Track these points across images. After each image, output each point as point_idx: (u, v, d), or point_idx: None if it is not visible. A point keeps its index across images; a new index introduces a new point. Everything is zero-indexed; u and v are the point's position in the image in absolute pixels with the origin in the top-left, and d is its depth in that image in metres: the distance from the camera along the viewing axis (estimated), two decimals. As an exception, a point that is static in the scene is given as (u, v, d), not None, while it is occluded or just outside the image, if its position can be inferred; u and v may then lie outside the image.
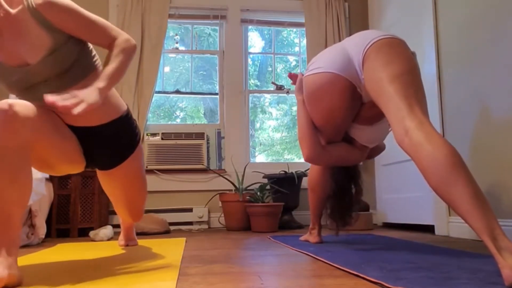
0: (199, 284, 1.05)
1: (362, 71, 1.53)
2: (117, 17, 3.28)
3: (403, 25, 2.82)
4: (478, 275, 1.05)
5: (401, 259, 1.36)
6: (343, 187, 1.88)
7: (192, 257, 1.56)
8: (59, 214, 2.62)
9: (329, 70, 1.57)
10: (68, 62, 1.25)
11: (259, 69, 3.95)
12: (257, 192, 2.93)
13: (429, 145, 1.16)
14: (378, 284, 0.99)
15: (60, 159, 1.33)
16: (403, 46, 1.51)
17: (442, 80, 2.40)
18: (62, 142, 1.30)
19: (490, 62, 2.00)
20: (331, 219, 1.92)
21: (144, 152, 3.18)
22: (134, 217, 1.75)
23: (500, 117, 1.93)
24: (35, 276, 1.20)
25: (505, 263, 0.92)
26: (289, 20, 3.67)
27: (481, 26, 2.07)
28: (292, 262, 1.38)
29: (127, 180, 1.58)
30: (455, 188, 1.06)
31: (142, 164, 1.63)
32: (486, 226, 0.98)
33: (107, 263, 1.44)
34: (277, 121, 3.87)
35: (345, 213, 1.89)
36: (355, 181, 1.90)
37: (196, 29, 3.71)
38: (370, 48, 1.50)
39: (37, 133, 1.18)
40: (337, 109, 1.61)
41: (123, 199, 1.64)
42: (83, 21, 1.26)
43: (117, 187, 1.60)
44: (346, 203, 1.89)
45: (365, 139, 1.75)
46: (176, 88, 3.60)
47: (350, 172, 1.89)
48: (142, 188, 1.66)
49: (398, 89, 1.35)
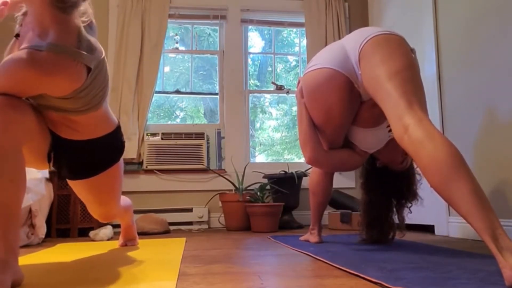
0: (199, 284, 1.05)
1: (359, 67, 1.53)
2: (117, 17, 3.28)
3: (403, 25, 2.82)
4: (478, 275, 1.05)
5: (401, 259, 1.36)
6: (385, 192, 1.81)
7: (192, 257, 1.56)
8: (59, 214, 2.62)
9: (327, 66, 1.58)
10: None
11: (259, 69, 3.95)
12: (257, 192, 2.93)
13: (430, 143, 1.15)
14: (378, 284, 0.99)
15: (29, 160, 1.28)
16: (401, 42, 1.49)
17: (442, 80, 2.40)
18: (38, 143, 1.27)
19: (490, 62, 2.00)
20: (361, 226, 1.87)
21: (144, 152, 3.18)
22: (100, 219, 1.67)
23: (500, 116, 1.93)
24: (35, 276, 1.20)
25: (506, 263, 0.91)
26: (289, 20, 3.67)
27: (481, 26, 2.07)
28: (292, 262, 1.38)
29: (90, 191, 1.51)
30: (456, 187, 1.05)
31: (114, 182, 1.53)
32: (487, 226, 0.98)
33: (107, 263, 1.44)
34: (277, 121, 3.87)
35: (376, 224, 1.81)
36: (406, 186, 1.79)
37: (196, 29, 3.71)
38: (367, 44, 1.50)
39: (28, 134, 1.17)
40: (336, 106, 1.61)
41: (88, 202, 1.59)
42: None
43: (80, 193, 1.54)
44: (385, 213, 1.81)
45: (365, 144, 1.75)
46: (176, 88, 3.60)
47: (400, 176, 1.79)
48: (106, 203, 1.57)
49: (396, 85, 1.34)
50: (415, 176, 1.80)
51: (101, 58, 1.23)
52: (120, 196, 1.66)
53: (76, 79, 1.14)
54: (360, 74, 1.53)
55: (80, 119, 1.27)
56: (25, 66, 1.04)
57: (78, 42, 1.13)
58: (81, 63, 1.13)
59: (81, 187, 1.48)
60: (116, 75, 3.19)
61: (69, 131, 1.31)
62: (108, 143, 1.44)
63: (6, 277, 1.00)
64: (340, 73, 1.56)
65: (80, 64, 1.13)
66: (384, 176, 1.83)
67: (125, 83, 3.18)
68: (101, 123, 1.37)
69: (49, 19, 1.10)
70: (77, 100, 1.19)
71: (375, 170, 1.86)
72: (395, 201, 1.83)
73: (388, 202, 1.83)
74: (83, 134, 1.34)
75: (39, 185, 2.18)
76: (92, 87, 1.20)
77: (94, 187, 1.48)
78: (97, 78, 1.21)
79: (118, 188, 1.58)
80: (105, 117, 1.39)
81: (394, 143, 1.57)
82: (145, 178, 3.21)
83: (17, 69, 1.05)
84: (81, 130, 1.32)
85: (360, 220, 1.89)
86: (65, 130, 1.31)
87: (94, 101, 1.25)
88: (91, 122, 1.32)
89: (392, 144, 1.70)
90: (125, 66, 3.21)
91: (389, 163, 1.80)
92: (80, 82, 1.15)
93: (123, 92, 3.17)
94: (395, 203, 1.83)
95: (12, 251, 1.05)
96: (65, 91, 1.15)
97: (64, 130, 1.31)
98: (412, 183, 1.80)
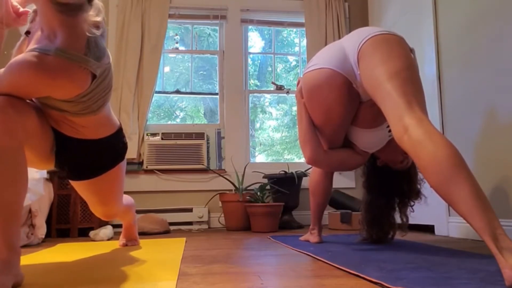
0: (199, 284, 1.05)
1: (358, 67, 1.53)
2: (117, 17, 3.28)
3: (403, 25, 2.82)
4: (478, 275, 1.05)
5: (401, 259, 1.36)
6: (387, 191, 1.80)
7: (192, 257, 1.56)
8: (59, 214, 2.62)
9: (326, 66, 1.58)
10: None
11: (259, 69, 3.94)
12: (257, 192, 2.93)
13: (430, 143, 1.15)
14: (378, 284, 0.99)
15: (31, 160, 1.29)
16: (400, 42, 1.49)
17: (442, 80, 2.40)
18: (40, 143, 1.27)
19: (490, 62, 2.00)
20: (362, 225, 1.87)
21: (144, 152, 3.18)
22: (102, 217, 1.69)
23: (500, 117, 1.93)
24: (35, 276, 1.20)
25: (506, 263, 0.91)
26: (289, 20, 3.67)
27: (481, 26, 2.07)
28: (292, 262, 1.38)
29: (93, 192, 1.52)
30: (456, 187, 1.05)
31: (116, 183, 1.54)
32: (487, 226, 0.98)
33: (107, 263, 1.44)
34: (277, 121, 3.87)
35: (376, 223, 1.81)
36: (408, 185, 1.78)
37: (196, 29, 3.71)
38: (365, 44, 1.50)
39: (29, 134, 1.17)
40: (335, 105, 1.61)
41: (90, 201, 1.60)
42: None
43: (83, 193, 1.55)
44: (386, 212, 1.81)
45: (365, 143, 1.75)
46: (176, 88, 3.60)
47: (401, 175, 1.79)
48: (108, 203, 1.58)
49: (396, 86, 1.34)
50: (417, 175, 1.80)
51: (107, 66, 1.24)
52: (122, 196, 1.67)
53: (80, 85, 1.14)
54: (359, 74, 1.53)
55: (78, 120, 1.28)
56: (31, 69, 1.04)
57: (86, 49, 1.13)
58: (87, 70, 1.13)
59: (84, 187, 1.49)
60: (116, 75, 3.19)
61: (70, 129, 1.32)
62: (110, 144, 1.45)
63: (8, 278, 1.00)
64: (339, 73, 1.56)
65: (85, 71, 1.13)
66: (385, 175, 1.83)
67: (125, 83, 3.18)
68: (101, 126, 1.38)
69: (56, 21, 1.11)
70: (78, 104, 1.20)
71: (376, 169, 1.86)
72: (398, 200, 1.82)
73: (389, 201, 1.83)
74: (83, 134, 1.34)
75: (37, 185, 2.18)
76: (95, 93, 1.21)
77: (96, 187, 1.49)
78: (101, 85, 1.22)
79: (120, 188, 1.59)
80: (106, 119, 1.39)
81: (394, 143, 1.56)
82: (145, 178, 3.21)
83: (22, 72, 1.05)
84: (81, 131, 1.32)
85: (361, 219, 1.89)
86: (67, 129, 1.31)
87: (95, 106, 1.25)
88: (90, 124, 1.32)
89: (392, 143, 1.70)
90: (125, 66, 3.21)
91: (390, 162, 1.80)
92: (83, 88, 1.15)
93: (123, 92, 3.17)
94: (397, 202, 1.82)
95: (14, 251, 1.05)
96: (67, 95, 1.15)
97: (66, 128, 1.32)
98: (414, 181, 1.80)
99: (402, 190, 1.80)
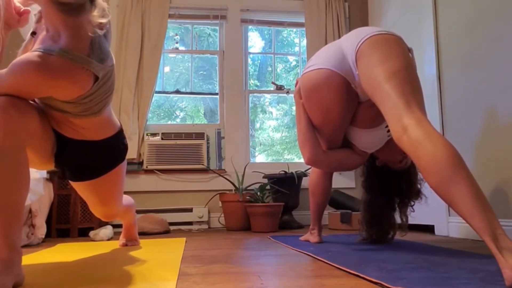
0: (199, 284, 1.05)
1: (356, 68, 1.53)
2: (117, 17, 3.28)
3: (403, 25, 2.82)
4: (478, 275, 1.05)
5: (401, 259, 1.36)
6: (386, 191, 1.80)
7: (192, 257, 1.56)
8: (59, 214, 2.62)
9: (324, 66, 1.58)
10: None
11: (259, 69, 3.94)
12: (257, 192, 2.93)
13: (429, 143, 1.15)
14: (378, 284, 0.99)
15: (32, 160, 1.28)
16: (398, 41, 1.49)
17: (442, 80, 2.40)
18: (41, 143, 1.27)
19: (490, 62, 2.00)
20: (361, 225, 1.87)
21: (144, 152, 3.18)
22: (102, 218, 1.69)
23: (500, 117, 1.93)
24: (35, 276, 1.20)
25: (506, 264, 0.92)
26: (289, 20, 3.67)
27: (481, 26, 2.07)
28: (292, 262, 1.38)
29: (93, 192, 1.52)
30: (455, 188, 1.05)
31: (116, 183, 1.54)
32: (487, 226, 0.98)
33: (107, 263, 1.44)
34: (277, 121, 3.87)
35: (375, 223, 1.81)
36: (407, 185, 1.78)
37: (196, 29, 3.71)
38: (363, 44, 1.50)
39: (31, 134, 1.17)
40: (333, 106, 1.61)
41: (90, 202, 1.59)
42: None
43: (83, 193, 1.54)
44: (385, 212, 1.81)
45: (364, 143, 1.74)
46: (176, 88, 3.60)
47: (401, 174, 1.79)
48: (108, 204, 1.58)
49: (395, 86, 1.34)
50: (416, 175, 1.80)
51: (110, 68, 1.23)
52: (122, 196, 1.67)
53: (82, 87, 1.14)
54: (358, 74, 1.53)
55: (80, 122, 1.28)
56: (33, 68, 1.04)
57: (89, 50, 1.13)
58: (89, 71, 1.13)
59: (84, 188, 1.49)
60: (116, 75, 3.19)
61: (71, 131, 1.32)
62: (111, 145, 1.45)
63: (9, 278, 1.00)
64: (337, 74, 1.56)
65: (88, 72, 1.13)
66: (384, 175, 1.83)
67: (125, 83, 3.18)
68: (102, 127, 1.38)
69: (59, 22, 1.11)
70: (79, 105, 1.20)
71: (376, 169, 1.86)
72: (398, 200, 1.82)
73: (388, 201, 1.83)
74: (84, 135, 1.34)
75: (37, 185, 2.17)
76: (96, 95, 1.21)
77: (96, 188, 1.49)
78: (103, 87, 1.22)
79: (120, 189, 1.59)
80: (107, 121, 1.39)
81: (393, 143, 1.56)
82: (145, 178, 3.21)
83: (25, 71, 1.05)
84: (82, 132, 1.32)
85: (360, 219, 1.89)
86: (68, 130, 1.31)
87: (96, 108, 1.25)
88: (91, 126, 1.32)
89: (391, 143, 1.70)
90: (125, 66, 3.21)
91: (389, 162, 1.80)
92: (85, 89, 1.15)
93: (123, 92, 3.17)
94: (397, 202, 1.82)
95: (15, 251, 1.05)
96: (69, 96, 1.15)
97: (67, 130, 1.32)
98: (413, 181, 1.79)
99: (402, 190, 1.80)
